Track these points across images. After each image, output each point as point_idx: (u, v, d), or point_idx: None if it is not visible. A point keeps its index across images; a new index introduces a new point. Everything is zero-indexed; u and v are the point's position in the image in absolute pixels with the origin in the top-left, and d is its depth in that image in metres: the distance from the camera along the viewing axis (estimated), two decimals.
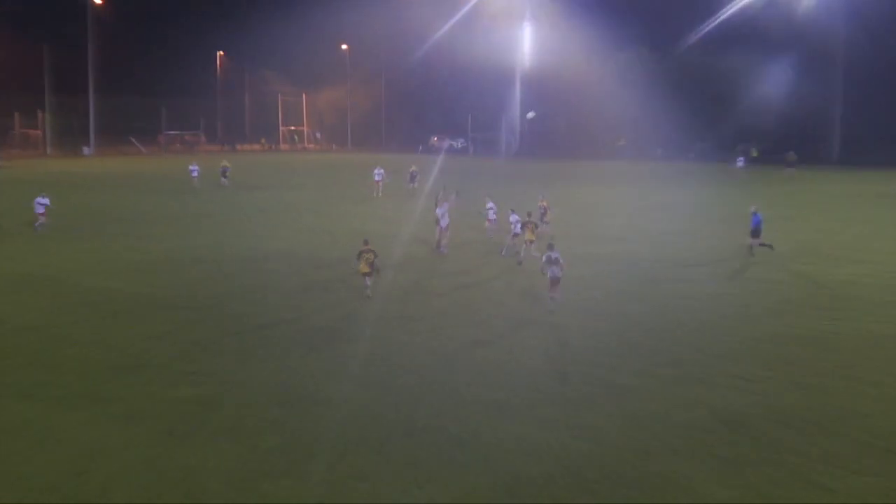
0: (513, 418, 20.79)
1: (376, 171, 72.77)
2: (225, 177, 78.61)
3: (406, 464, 18.16)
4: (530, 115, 40.61)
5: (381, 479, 17.45)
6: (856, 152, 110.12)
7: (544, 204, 48.04)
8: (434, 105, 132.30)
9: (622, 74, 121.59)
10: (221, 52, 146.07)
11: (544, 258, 30.82)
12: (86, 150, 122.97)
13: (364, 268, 31.98)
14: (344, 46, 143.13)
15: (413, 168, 77.32)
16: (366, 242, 32.43)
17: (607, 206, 64.60)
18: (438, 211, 43.23)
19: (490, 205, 48.10)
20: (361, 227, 49.15)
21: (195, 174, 76.85)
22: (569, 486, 17.23)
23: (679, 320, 30.36)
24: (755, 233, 42.51)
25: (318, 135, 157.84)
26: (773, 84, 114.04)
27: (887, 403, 22.22)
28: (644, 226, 53.89)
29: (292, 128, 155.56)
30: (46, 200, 50.39)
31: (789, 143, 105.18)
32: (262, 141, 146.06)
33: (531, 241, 39.43)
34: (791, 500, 16.73)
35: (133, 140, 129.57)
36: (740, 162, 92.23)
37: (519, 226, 41.14)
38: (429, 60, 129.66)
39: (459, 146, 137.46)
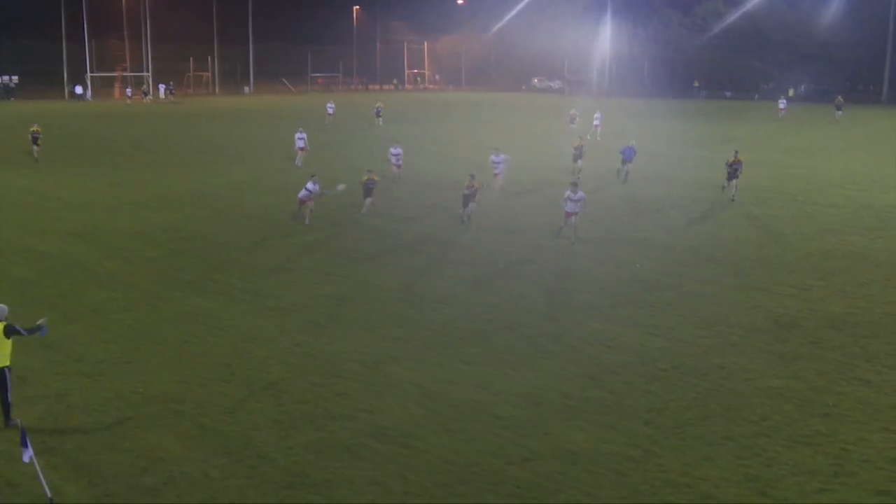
0: (597, 318, 20.89)
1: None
2: (379, 116, 74.03)
3: (506, 353, 18.44)
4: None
5: (484, 364, 17.77)
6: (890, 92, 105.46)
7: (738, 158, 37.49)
8: (535, 50, 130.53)
9: (699, 24, 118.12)
10: (357, 7, 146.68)
11: (565, 195, 28.44)
12: (246, 89, 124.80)
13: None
14: (460, 1, 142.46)
15: (378, 104, 74.90)
16: (471, 177, 31.02)
17: (686, 139, 63.16)
18: (494, 158, 37.52)
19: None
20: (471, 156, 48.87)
21: (331, 110, 76.75)
22: (643, 373, 17.34)
23: (743, 237, 29.98)
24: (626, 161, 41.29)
25: (437, 76, 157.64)
26: (827, 28, 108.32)
27: None
28: (712, 156, 52.70)
29: (415, 71, 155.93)
30: (304, 135, 47.81)
31: (839, 85, 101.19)
32: (395, 81, 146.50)
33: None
34: (833, 389, 16.59)
35: (284, 81, 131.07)
36: (782, 104, 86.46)
37: (499, 167, 37.04)
38: (529, 12, 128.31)
39: (556, 86, 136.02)
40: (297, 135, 47.53)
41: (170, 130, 68.21)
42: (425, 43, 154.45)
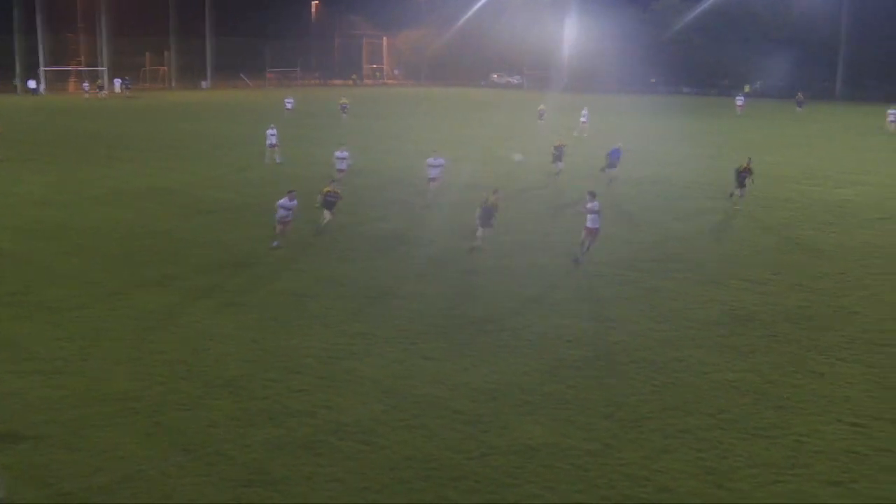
0: (557, 313, 20.97)
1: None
2: (344, 112, 73.34)
3: (466, 348, 18.45)
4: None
5: (444, 360, 17.77)
6: (857, 88, 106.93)
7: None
8: (495, 46, 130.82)
9: (658, 20, 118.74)
10: (316, 2, 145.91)
11: (583, 208, 25.53)
12: (203, 84, 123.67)
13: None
14: None
15: (343, 101, 74.54)
16: (495, 192, 27.31)
17: (646, 134, 63.53)
18: (431, 161, 34.12)
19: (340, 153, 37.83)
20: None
21: (289, 105, 76.22)
22: (602, 367, 17.44)
23: (701, 232, 30.27)
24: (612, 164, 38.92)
25: (396, 71, 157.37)
26: (782, 25, 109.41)
27: (873, 303, 22.14)
28: (672, 149, 53.08)
29: (374, 66, 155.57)
30: (275, 131, 46.71)
31: (795, 81, 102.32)
32: (354, 76, 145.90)
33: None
34: (787, 381, 16.81)
35: (242, 76, 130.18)
36: (740, 100, 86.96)
37: (435, 171, 33.84)
38: (491, 8, 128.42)
39: (516, 81, 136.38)
40: (269, 131, 46.85)
41: (127, 125, 67.46)
42: (384, 38, 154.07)
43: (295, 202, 26.92)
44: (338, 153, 37.56)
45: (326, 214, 28.91)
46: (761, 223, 31.76)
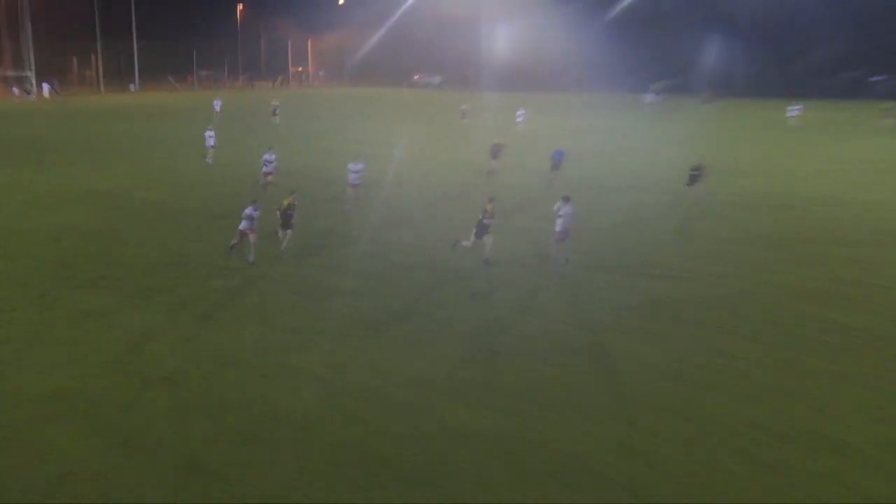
0: (481, 304, 21.22)
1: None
2: (275, 115, 71.36)
3: (398, 341, 18.58)
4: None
5: (376, 351, 17.89)
6: (759, 85, 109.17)
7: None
8: (416, 48, 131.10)
9: (573, 21, 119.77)
10: (241, 5, 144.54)
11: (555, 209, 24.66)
12: (132, 86, 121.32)
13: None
14: (341, 1, 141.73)
15: (274, 102, 73.27)
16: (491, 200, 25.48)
17: (569, 130, 64.23)
18: (352, 167, 32.58)
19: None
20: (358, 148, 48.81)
21: (218, 107, 75.22)
22: (528, 354, 17.73)
23: (615, 223, 30.79)
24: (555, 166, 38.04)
25: (320, 73, 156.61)
26: (686, 27, 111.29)
27: (778, 288, 22.79)
28: (598, 147, 53.74)
29: (300, 68, 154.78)
30: (213, 132, 45.73)
31: (702, 79, 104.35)
32: (280, 78, 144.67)
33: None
34: (696, 361, 17.31)
35: (170, 78, 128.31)
36: (649, 97, 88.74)
37: (355, 176, 32.33)
38: (411, 10, 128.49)
39: (436, 82, 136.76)
40: (207, 133, 46.18)
41: (56, 129, 65.83)
42: (309, 40, 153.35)
43: (258, 212, 24.54)
44: (266, 156, 36.70)
45: (287, 234, 25.61)
46: (671, 213, 32.43)
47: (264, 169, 36.29)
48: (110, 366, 16.92)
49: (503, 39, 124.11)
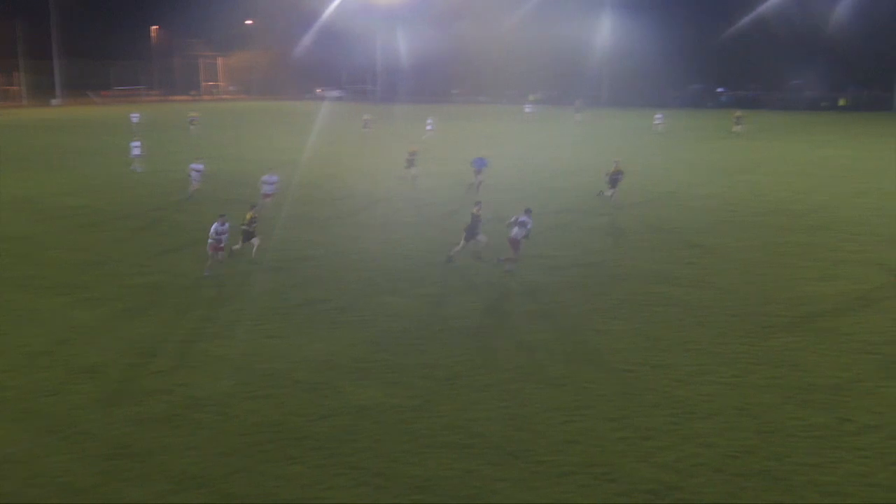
0: (380, 292, 21.11)
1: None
2: (193, 125, 69.92)
3: (304, 326, 18.35)
4: None
5: (286, 337, 17.62)
6: (619, 95, 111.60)
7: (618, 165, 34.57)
8: (318, 63, 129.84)
9: (455, 37, 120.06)
10: (155, 27, 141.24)
11: (512, 219, 23.24)
12: (53, 101, 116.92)
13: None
14: (248, 21, 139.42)
15: (192, 114, 72.49)
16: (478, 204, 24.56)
17: (446, 137, 64.41)
18: (267, 179, 31.40)
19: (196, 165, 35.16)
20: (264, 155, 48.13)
21: (135, 120, 73.05)
22: (420, 336, 17.69)
23: (497, 217, 31.01)
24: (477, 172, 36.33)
25: (231, 87, 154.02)
26: (554, 39, 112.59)
27: (642, 269, 23.26)
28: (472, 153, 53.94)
29: (211, 83, 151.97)
30: (139, 143, 44.78)
31: (574, 90, 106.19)
32: (193, 92, 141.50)
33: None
34: (567, 338, 17.54)
35: (89, 93, 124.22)
36: (528, 107, 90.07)
37: (270, 188, 30.98)
38: (314, 29, 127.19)
39: (337, 95, 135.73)
40: (133, 143, 44.74)
41: None
42: (219, 58, 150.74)
43: (227, 226, 22.31)
44: (194, 165, 35.43)
45: (253, 242, 23.67)
46: (546, 208, 32.79)
47: (192, 176, 35.15)
48: (37, 358, 16.24)
49: (398, 56, 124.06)
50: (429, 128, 64.28)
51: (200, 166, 35.43)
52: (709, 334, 17.84)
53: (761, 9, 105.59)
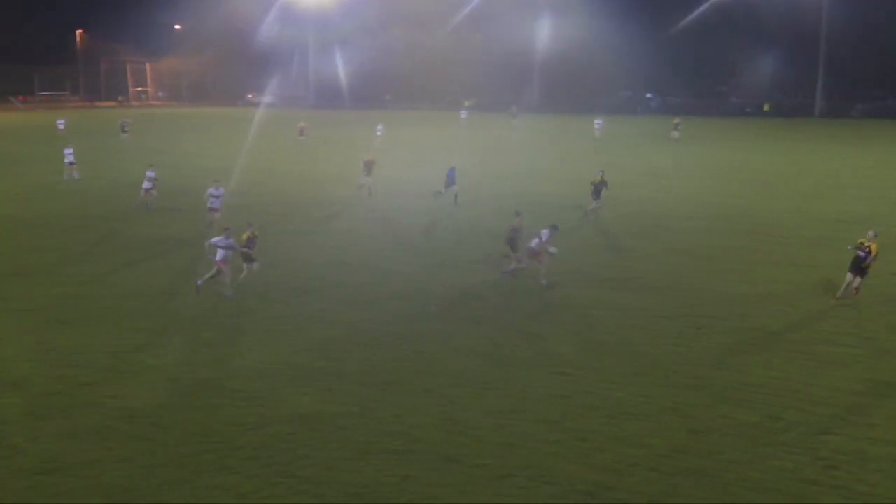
0: (315, 299, 20.96)
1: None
2: (125, 131, 68.14)
3: (239, 334, 18.14)
4: None
5: (221, 346, 17.41)
6: (552, 100, 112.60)
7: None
8: (250, 69, 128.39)
9: (388, 47, 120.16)
10: (80, 31, 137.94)
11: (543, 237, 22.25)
12: None
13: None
14: (177, 26, 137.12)
15: (124, 120, 71.45)
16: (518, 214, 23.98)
17: (381, 144, 64.26)
18: (212, 192, 29.15)
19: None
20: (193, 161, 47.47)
21: (61, 126, 71.19)
22: (358, 342, 17.63)
23: (437, 224, 31.12)
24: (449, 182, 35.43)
25: (160, 94, 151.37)
26: (485, 48, 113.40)
27: (576, 272, 23.48)
28: (414, 158, 54.09)
29: (140, 88, 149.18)
30: (72, 150, 43.06)
31: (508, 97, 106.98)
32: (120, 98, 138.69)
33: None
34: (510, 343, 17.66)
35: (11, 99, 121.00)
36: (464, 113, 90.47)
37: (216, 201, 28.93)
38: (245, 34, 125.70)
39: (269, 101, 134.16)
40: (66, 150, 43.32)
41: None
42: (147, 63, 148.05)
43: (231, 240, 20.91)
44: (148, 173, 34.26)
45: (253, 267, 21.56)
46: (475, 213, 32.99)
47: (144, 185, 34.14)
48: None
49: (331, 62, 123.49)
50: (379, 133, 64.49)
51: (153, 174, 34.34)
52: (641, 336, 18.18)
53: (688, 19, 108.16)
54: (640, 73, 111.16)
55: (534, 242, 22.51)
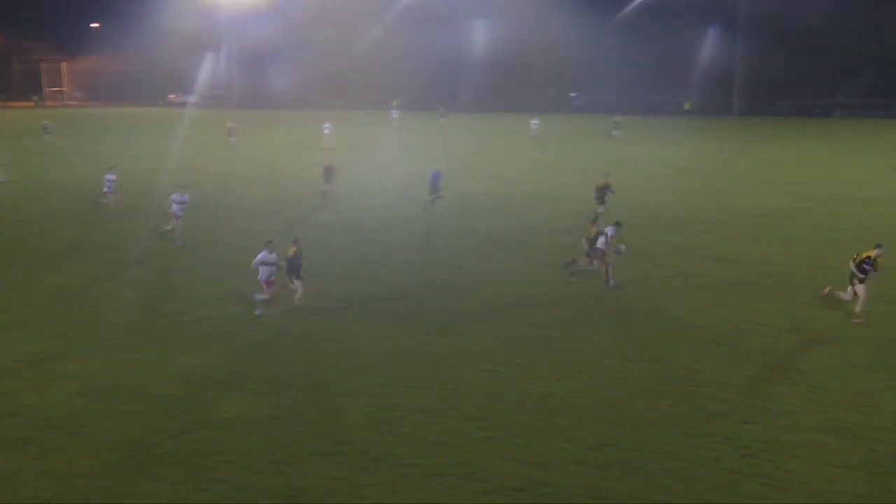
0: (241, 302, 20.62)
1: None
2: (47, 133, 66.74)
3: (163, 339, 17.76)
4: None
5: (145, 351, 17.00)
6: (481, 100, 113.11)
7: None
8: (171, 68, 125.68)
9: (315, 43, 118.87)
10: None
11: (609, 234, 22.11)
12: None
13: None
14: (94, 24, 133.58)
15: (45, 122, 69.73)
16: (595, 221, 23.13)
17: (312, 143, 63.60)
18: (176, 198, 27.25)
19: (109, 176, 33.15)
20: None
21: None
22: (284, 345, 17.45)
23: (361, 223, 30.98)
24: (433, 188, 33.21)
25: (77, 94, 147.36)
26: (416, 51, 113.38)
27: (500, 272, 23.66)
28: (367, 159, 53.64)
29: (56, 88, 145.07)
30: None
31: (439, 97, 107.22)
32: (35, 98, 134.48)
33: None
34: (438, 342, 17.63)
35: None
36: (395, 113, 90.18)
37: (179, 207, 26.97)
38: (165, 33, 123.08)
39: (192, 101, 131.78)
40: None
41: None
42: (63, 63, 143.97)
43: (274, 254, 19.38)
44: (108, 176, 33.37)
45: (297, 286, 19.63)
46: (411, 212, 33.00)
47: (106, 187, 33.38)
48: None
49: (254, 60, 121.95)
50: (326, 131, 63.30)
51: (113, 176, 33.49)
52: (567, 331, 18.38)
53: (614, 19, 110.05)
54: (565, 73, 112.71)
55: (599, 242, 21.83)
